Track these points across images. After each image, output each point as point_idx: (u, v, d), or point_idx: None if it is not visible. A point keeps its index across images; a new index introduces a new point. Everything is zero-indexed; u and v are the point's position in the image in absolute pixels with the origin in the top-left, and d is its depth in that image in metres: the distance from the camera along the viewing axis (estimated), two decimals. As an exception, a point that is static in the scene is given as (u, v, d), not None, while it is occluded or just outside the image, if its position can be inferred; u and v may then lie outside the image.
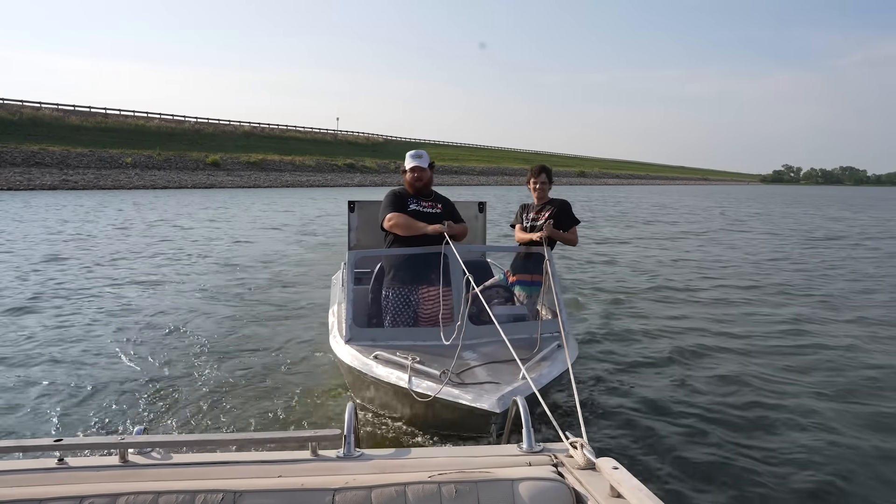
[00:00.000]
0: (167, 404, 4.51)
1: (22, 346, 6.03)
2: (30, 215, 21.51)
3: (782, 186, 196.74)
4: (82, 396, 4.67)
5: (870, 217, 32.37)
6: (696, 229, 21.84)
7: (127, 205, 28.15)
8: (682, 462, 3.69)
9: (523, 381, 3.11)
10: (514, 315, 4.46)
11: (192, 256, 12.42)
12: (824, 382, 5.25)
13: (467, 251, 4.49)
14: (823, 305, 8.60)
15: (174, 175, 51.27)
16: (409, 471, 1.56)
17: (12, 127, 51.37)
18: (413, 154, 4.66)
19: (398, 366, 3.47)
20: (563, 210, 4.94)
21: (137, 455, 1.66)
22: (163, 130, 65.26)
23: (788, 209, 39.85)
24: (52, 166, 45.77)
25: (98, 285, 9.19)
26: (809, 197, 73.93)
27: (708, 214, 31.57)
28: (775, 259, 13.75)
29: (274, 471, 1.58)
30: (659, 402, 4.66)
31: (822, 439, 4.10)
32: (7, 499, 1.43)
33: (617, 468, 1.48)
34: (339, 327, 4.26)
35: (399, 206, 4.49)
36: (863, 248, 16.48)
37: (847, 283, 10.62)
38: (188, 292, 8.72)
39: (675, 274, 11.26)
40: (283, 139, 78.10)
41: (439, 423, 3.34)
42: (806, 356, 6.06)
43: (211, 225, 19.56)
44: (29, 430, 4.13)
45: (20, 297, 8.27)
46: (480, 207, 6.14)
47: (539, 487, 1.49)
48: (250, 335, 6.43)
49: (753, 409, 4.60)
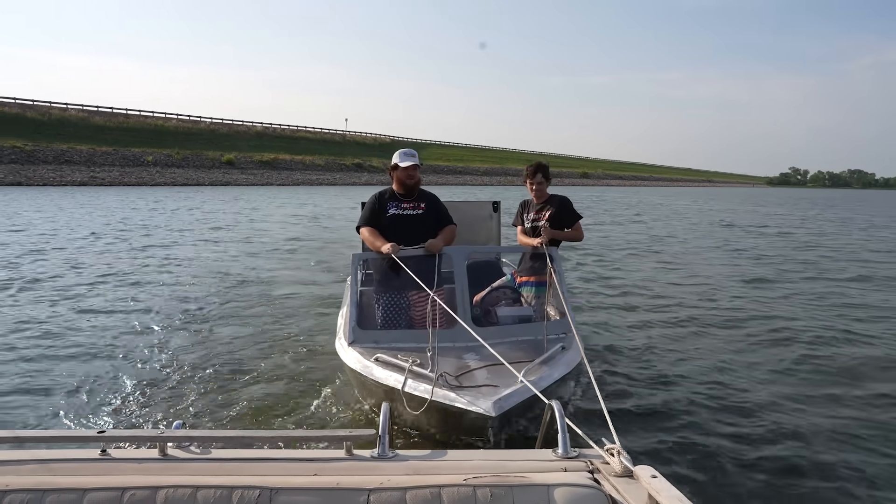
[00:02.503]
0: (204, 398, 4.59)
1: (101, 336, 6.31)
2: (116, 208, 24.38)
3: (789, 189, 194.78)
4: (124, 388, 4.80)
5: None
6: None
7: (183, 201, 30.50)
8: (711, 470, 3.58)
9: (521, 384, 3.03)
10: (520, 316, 4.41)
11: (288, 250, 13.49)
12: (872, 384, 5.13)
13: (469, 253, 4.49)
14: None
15: (192, 173, 54.67)
16: (443, 473, 1.55)
17: (42, 127, 54.97)
18: (406, 152, 4.59)
19: (397, 368, 3.45)
20: (562, 207, 4.86)
21: (176, 449, 1.70)
22: (180, 130, 68.89)
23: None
24: (80, 164, 49.34)
25: (169, 279, 9.78)
26: (811, 199, 72.17)
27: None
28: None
29: (309, 469, 1.59)
30: (677, 406, 4.54)
31: (860, 449, 3.93)
32: (52, 487, 1.46)
33: (655, 476, 1.46)
34: (344, 329, 4.25)
35: (376, 214, 4.51)
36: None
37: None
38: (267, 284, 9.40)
39: (690, 281, 10.71)
40: (293, 139, 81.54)
41: (437, 427, 3.29)
42: (849, 358, 5.85)
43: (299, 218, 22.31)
44: (73, 418, 4.24)
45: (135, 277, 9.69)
46: (495, 207, 6.03)
47: (575, 494, 1.46)
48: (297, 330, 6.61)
49: (787, 415, 4.41)
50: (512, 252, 5.62)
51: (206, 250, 13.36)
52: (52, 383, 4.89)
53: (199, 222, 19.99)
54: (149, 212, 23.52)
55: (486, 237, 5.84)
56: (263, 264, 11.52)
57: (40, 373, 5.15)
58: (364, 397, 4.12)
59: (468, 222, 5.35)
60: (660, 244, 16.85)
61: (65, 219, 19.62)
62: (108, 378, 5.02)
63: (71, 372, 5.15)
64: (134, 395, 4.62)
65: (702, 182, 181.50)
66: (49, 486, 1.46)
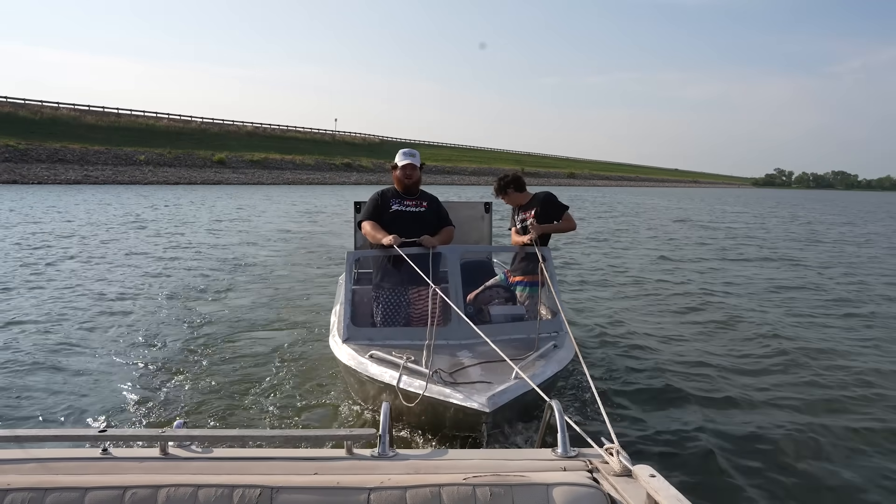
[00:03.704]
0: (205, 398, 4.60)
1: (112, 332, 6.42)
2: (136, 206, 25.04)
3: (772, 190, 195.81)
4: (124, 387, 4.81)
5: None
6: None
7: (191, 198, 31.69)
8: (709, 469, 3.61)
9: (515, 380, 3.08)
10: (512, 315, 4.48)
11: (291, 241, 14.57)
12: (870, 388, 5.13)
13: (463, 252, 4.55)
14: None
15: (184, 172, 55.52)
16: (443, 472, 1.57)
17: (34, 126, 55.51)
18: (406, 152, 4.71)
19: (391, 365, 3.49)
20: (547, 203, 4.98)
21: (177, 448, 1.70)
22: (171, 130, 69.54)
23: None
24: (73, 163, 50.05)
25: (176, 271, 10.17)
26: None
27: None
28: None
29: (310, 468, 1.60)
30: (677, 406, 4.59)
31: (851, 449, 3.96)
32: (53, 485, 1.46)
33: (654, 476, 1.47)
34: (337, 327, 4.31)
35: (379, 210, 4.61)
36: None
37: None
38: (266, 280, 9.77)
39: (680, 273, 11.54)
40: (283, 139, 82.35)
41: (432, 423, 3.35)
42: (847, 361, 5.86)
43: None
44: (74, 418, 4.23)
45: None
46: (486, 208, 6.12)
47: (575, 493, 1.48)
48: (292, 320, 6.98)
49: (793, 414, 4.46)
50: (505, 252, 5.74)
51: (212, 245, 14.11)
52: (52, 382, 4.92)
53: (219, 219, 21.01)
54: (170, 208, 24.35)
55: (478, 237, 5.97)
56: (264, 260, 12.00)
57: (40, 371, 5.18)
58: (358, 394, 4.19)
59: (460, 222, 5.52)
60: (613, 236, 18.87)
61: (81, 215, 20.37)
62: (109, 377, 5.05)
63: (70, 370, 5.19)
64: (134, 395, 4.64)
65: (688, 183, 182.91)
66: (50, 485, 1.47)
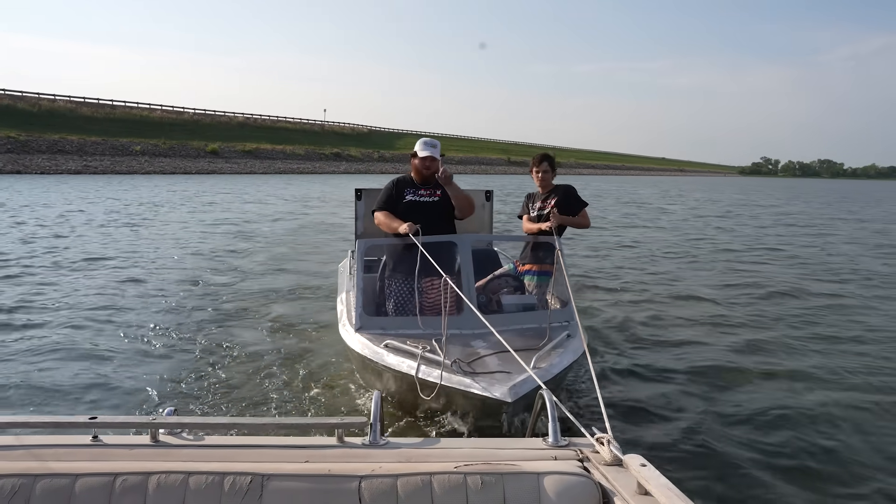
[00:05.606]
0: (196, 385, 4.58)
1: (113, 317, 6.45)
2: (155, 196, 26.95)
3: (758, 178, 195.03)
4: (114, 375, 4.79)
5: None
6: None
7: (205, 187, 33.33)
8: (702, 460, 3.62)
9: (534, 370, 3.00)
10: (523, 304, 4.46)
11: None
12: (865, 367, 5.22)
13: (474, 241, 4.49)
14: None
15: (179, 162, 57.59)
16: (434, 461, 1.57)
17: (33, 118, 57.35)
18: (427, 142, 4.65)
19: (408, 354, 3.50)
20: (568, 195, 4.93)
21: (168, 435, 1.70)
22: (165, 121, 71.42)
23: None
24: (72, 153, 52.07)
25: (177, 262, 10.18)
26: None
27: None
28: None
29: (301, 455, 1.60)
30: (675, 397, 4.61)
31: (838, 428, 4.09)
32: (43, 472, 1.47)
33: (644, 465, 1.48)
34: (347, 315, 4.28)
35: (393, 200, 4.58)
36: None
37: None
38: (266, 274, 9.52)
39: (691, 265, 11.58)
40: (274, 129, 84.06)
41: (450, 412, 3.37)
42: (840, 341, 6.00)
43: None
44: (64, 405, 4.19)
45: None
46: (487, 196, 6.09)
47: (565, 482, 1.49)
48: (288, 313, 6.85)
49: (780, 403, 4.49)
50: (514, 240, 5.74)
51: (211, 238, 14.01)
52: (42, 369, 4.94)
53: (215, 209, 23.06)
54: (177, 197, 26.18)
55: (478, 226, 5.92)
56: (257, 250, 12.14)
57: (30, 358, 5.22)
58: (372, 383, 4.19)
59: None
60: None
61: (86, 204, 22.23)
62: (99, 364, 5.07)
63: (60, 357, 5.23)
64: (125, 382, 4.66)
65: (674, 171, 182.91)
66: (41, 472, 1.47)
